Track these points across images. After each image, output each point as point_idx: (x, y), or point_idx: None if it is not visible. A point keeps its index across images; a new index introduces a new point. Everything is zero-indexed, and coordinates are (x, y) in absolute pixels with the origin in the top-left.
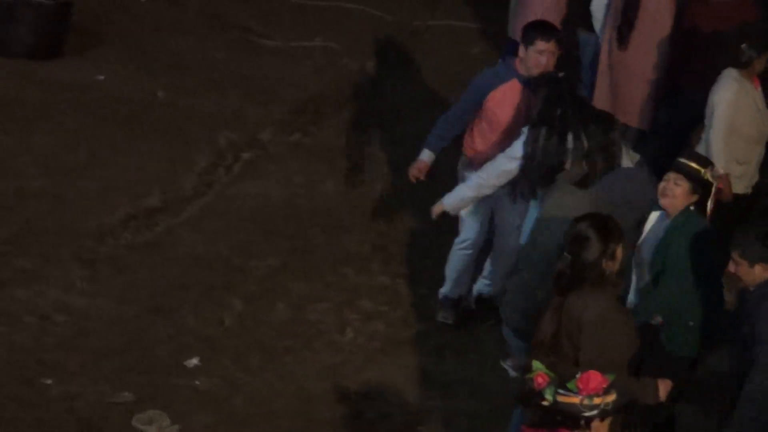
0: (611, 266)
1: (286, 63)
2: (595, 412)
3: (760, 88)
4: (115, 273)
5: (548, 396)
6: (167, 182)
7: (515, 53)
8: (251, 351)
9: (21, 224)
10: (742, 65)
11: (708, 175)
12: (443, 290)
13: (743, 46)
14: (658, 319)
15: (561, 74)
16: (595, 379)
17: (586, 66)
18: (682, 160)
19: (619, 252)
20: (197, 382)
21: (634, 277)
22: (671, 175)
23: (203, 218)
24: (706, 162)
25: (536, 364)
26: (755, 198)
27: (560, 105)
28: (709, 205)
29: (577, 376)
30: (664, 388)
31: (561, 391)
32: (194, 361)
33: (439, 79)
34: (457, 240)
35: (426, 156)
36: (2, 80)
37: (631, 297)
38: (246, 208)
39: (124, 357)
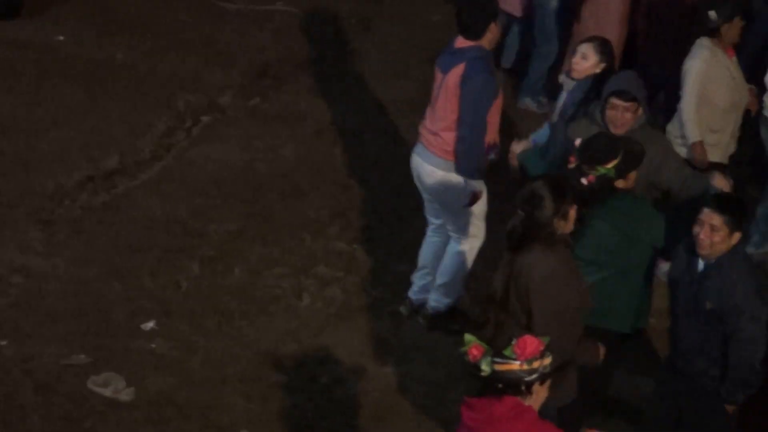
0: (563, 226)
1: (247, 26)
2: (535, 375)
3: (735, 57)
4: (73, 235)
5: (485, 367)
6: (126, 144)
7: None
8: (208, 315)
9: None
10: (709, 32)
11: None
12: (450, 301)
13: (710, 12)
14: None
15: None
16: (531, 343)
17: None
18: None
19: (572, 213)
20: (153, 345)
21: None
22: None
23: (161, 181)
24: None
25: (468, 337)
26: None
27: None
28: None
29: (513, 342)
30: (603, 350)
31: (497, 359)
32: (150, 324)
33: (399, 46)
34: (473, 245)
35: (481, 185)
36: None
37: None
38: (205, 172)
39: (80, 319)
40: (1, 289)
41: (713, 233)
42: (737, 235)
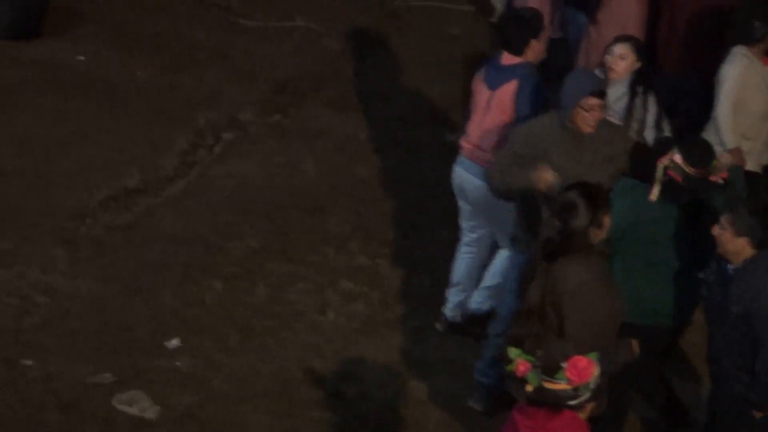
0: (598, 235)
1: (267, 43)
2: (588, 394)
3: None
4: (95, 254)
5: (533, 381)
6: (147, 162)
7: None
8: (231, 331)
9: (0, 204)
10: (754, 41)
11: (667, 159)
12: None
13: (756, 23)
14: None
15: None
16: (583, 367)
17: (573, 44)
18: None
19: (607, 221)
20: (178, 363)
21: None
22: None
23: (183, 199)
24: (682, 150)
25: (512, 352)
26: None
27: None
28: (654, 188)
29: (563, 365)
30: (635, 343)
31: (547, 377)
32: (175, 342)
33: (419, 60)
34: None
35: None
36: None
37: None
38: (226, 188)
39: (105, 338)
40: (26, 308)
41: (723, 231)
42: (742, 240)
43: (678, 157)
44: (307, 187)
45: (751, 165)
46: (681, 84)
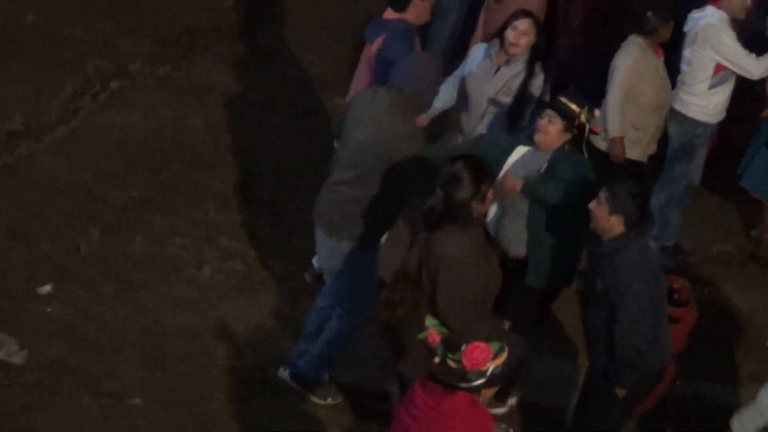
0: (480, 208)
1: None
2: (483, 380)
3: (662, 57)
4: None
5: (439, 353)
6: (31, 106)
7: None
8: (106, 281)
9: None
10: (646, 33)
11: (583, 117)
12: None
13: (649, 14)
14: None
15: None
16: (478, 355)
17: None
18: (561, 98)
19: (490, 195)
20: (49, 309)
21: (495, 207)
22: (548, 112)
23: (66, 145)
24: (583, 103)
25: (429, 320)
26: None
27: None
28: (584, 147)
29: (462, 348)
30: (508, 324)
31: (449, 355)
32: (47, 288)
33: (314, 21)
34: None
35: None
36: None
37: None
38: (111, 138)
39: None
40: None
41: (598, 206)
42: (616, 218)
43: (597, 111)
44: (193, 142)
45: (638, 155)
46: (574, 65)
